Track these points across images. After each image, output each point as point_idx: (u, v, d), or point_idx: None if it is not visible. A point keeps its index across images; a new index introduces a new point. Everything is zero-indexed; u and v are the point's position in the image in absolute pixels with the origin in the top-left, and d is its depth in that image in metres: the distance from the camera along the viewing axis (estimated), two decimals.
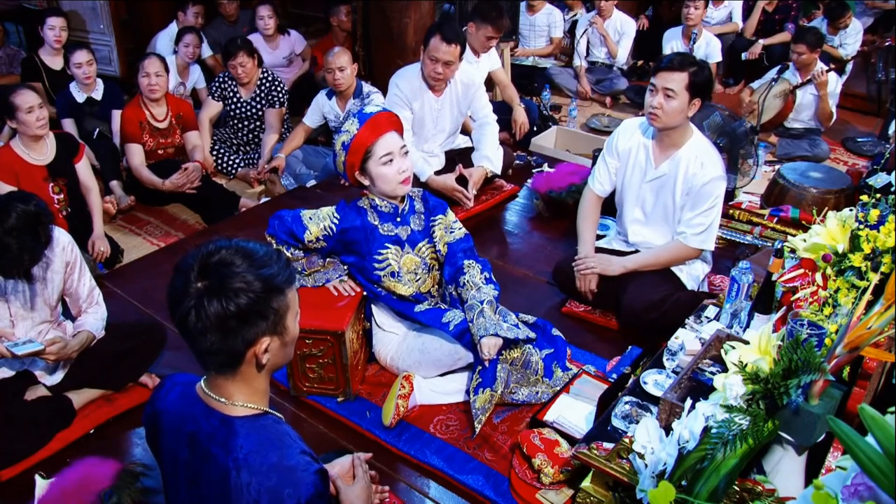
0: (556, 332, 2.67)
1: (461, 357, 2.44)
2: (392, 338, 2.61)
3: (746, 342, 1.77)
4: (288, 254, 2.47)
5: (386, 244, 2.44)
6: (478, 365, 2.33)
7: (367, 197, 2.46)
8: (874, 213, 1.96)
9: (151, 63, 3.92)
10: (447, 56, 3.52)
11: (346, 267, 2.57)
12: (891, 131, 4.23)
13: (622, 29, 5.88)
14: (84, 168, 3.42)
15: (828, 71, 4.65)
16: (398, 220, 2.46)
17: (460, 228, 2.55)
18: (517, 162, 4.46)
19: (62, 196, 3.34)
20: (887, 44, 5.32)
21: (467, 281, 2.45)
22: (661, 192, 2.83)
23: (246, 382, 1.32)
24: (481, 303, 2.37)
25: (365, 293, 2.57)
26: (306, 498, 1.24)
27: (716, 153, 2.78)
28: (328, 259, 2.55)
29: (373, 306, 2.61)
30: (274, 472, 1.25)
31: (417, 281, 2.51)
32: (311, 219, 2.42)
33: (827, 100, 4.67)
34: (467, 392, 2.47)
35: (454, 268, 2.50)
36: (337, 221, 2.42)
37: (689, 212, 2.77)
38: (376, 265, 2.45)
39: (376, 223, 2.44)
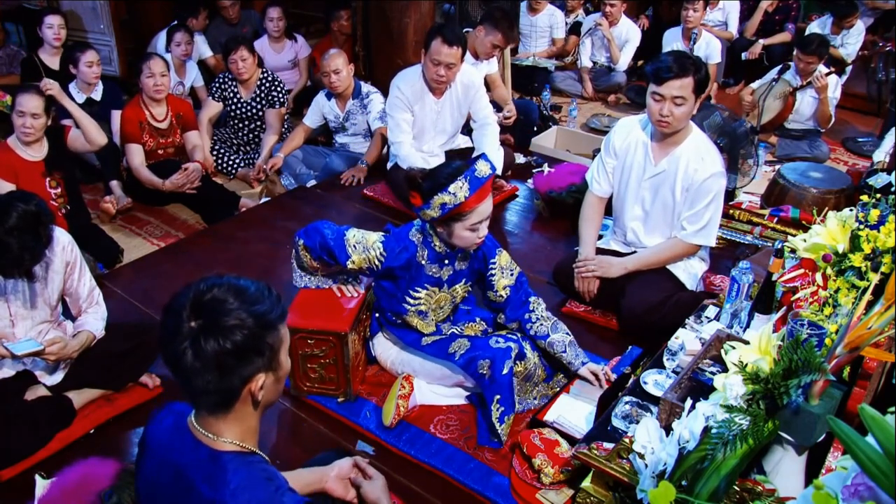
0: None
1: (462, 381, 2.44)
2: (392, 345, 2.60)
3: (746, 342, 1.77)
4: (314, 264, 2.43)
5: (426, 284, 2.37)
6: (495, 394, 2.27)
7: (424, 232, 2.34)
8: (874, 213, 1.96)
9: (156, 63, 3.92)
10: (449, 58, 3.51)
11: (362, 280, 2.55)
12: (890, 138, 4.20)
13: (627, 35, 5.87)
14: (74, 136, 3.44)
15: (828, 74, 4.64)
16: (445, 261, 2.37)
17: (516, 268, 2.46)
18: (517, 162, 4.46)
19: (60, 191, 3.34)
20: (888, 49, 5.32)
21: (539, 317, 2.43)
22: (660, 189, 2.82)
23: (238, 421, 1.32)
24: (568, 335, 2.43)
25: (376, 314, 2.57)
26: None
27: (715, 149, 2.78)
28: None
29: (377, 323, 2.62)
30: None
31: (440, 313, 2.48)
32: (355, 247, 2.31)
33: (827, 102, 4.67)
34: (467, 398, 2.49)
35: (517, 311, 2.44)
36: (383, 259, 2.31)
37: (689, 208, 2.77)
38: (409, 300, 2.39)
39: (423, 262, 2.34)
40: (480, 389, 2.34)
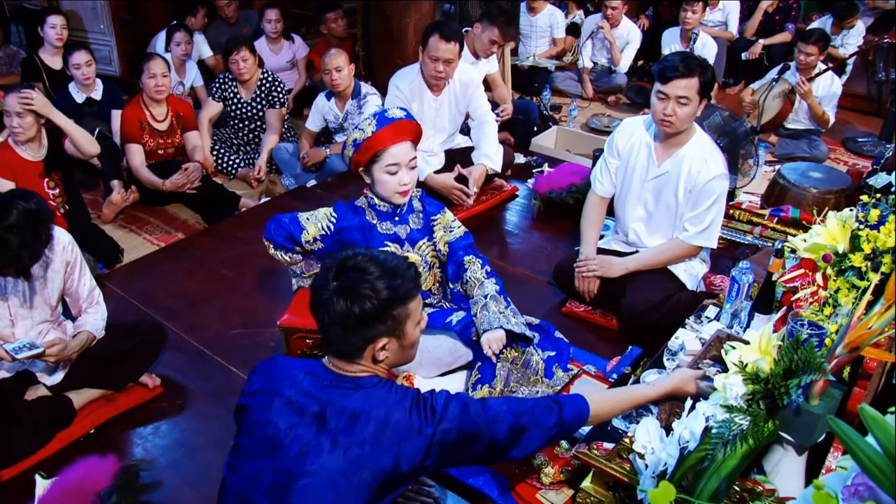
0: (558, 334, 2.67)
1: (462, 355, 2.44)
2: None
3: (747, 342, 1.77)
4: (287, 258, 2.48)
5: (385, 242, 2.43)
6: (477, 361, 2.33)
7: (366, 196, 2.45)
8: (874, 213, 1.96)
9: (157, 64, 3.92)
10: (447, 54, 3.52)
11: None
12: None
13: (629, 37, 5.86)
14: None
15: (825, 70, 4.65)
16: (396, 218, 2.45)
17: (459, 227, 2.55)
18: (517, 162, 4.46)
19: (58, 191, 3.34)
20: (886, 40, 5.31)
21: (469, 277, 2.46)
22: (663, 190, 2.82)
23: (366, 371, 1.50)
24: (485, 297, 2.37)
25: None
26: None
27: (718, 151, 2.77)
28: None
29: None
30: (413, 409, 1.45)
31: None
32: (308, 219, 2.43)
33: (816, 105, 4.69)
34: (466, 390, 2.47)
35: (456, 265, 2.50)
36: (334, 221, 2.42)
37: (691, 209, 2.77)
38: None
39: (374, 222, 2.44)
40: (469, 358, 2.40)
